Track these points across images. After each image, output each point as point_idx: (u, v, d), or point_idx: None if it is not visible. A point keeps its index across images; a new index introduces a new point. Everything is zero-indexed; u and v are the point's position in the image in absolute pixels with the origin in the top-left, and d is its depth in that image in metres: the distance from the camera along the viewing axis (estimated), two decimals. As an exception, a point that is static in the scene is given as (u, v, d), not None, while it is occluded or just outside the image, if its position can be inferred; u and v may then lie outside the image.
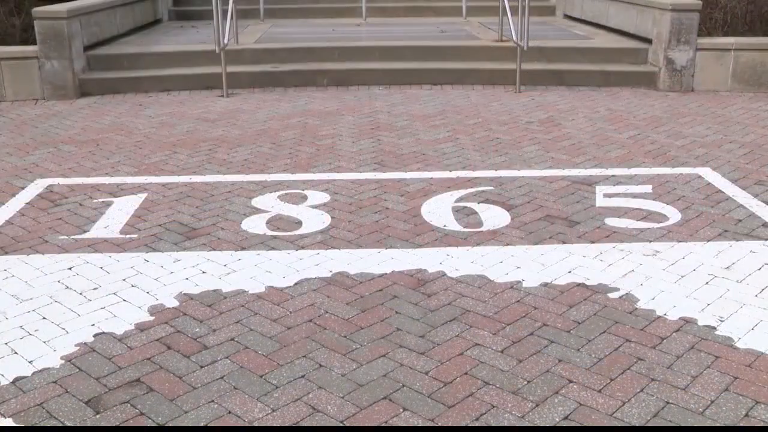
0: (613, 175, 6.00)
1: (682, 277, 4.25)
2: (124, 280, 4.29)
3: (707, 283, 4.18)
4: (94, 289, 4.18)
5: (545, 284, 4.19)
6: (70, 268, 4.44)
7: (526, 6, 8.92)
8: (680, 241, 4.73)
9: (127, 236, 4.91)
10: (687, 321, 3.78)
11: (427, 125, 7.62)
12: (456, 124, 7.67)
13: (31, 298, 4.08)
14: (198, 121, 7.94)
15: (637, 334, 3.66)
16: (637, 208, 5.29)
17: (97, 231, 5.01)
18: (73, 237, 4.91)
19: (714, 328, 3.71)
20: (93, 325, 3.80)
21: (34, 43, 9.09)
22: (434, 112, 8.17)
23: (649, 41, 9.65)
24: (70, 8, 9.06)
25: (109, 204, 5.51)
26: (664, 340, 3.61)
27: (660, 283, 4.18)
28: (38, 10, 8.96)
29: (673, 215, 5.17)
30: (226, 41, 9.06)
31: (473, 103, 8.60)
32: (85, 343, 3.64)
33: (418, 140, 7.07)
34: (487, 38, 10.61)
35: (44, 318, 3.88)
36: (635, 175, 6.02)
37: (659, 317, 3.82)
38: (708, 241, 4.74)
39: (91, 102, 8.93)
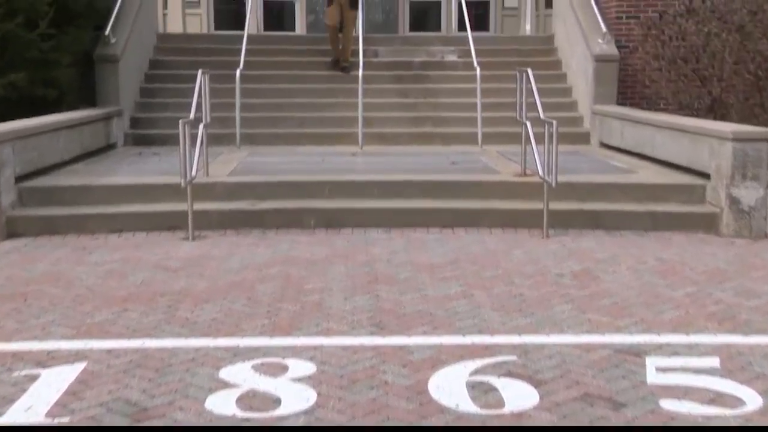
0: (668, 344, 5.93)
1: (763, 479, 4.09)
2: (49, 477, 4.13)
3: (797, 488, 4.01)
4: (10, 490, 4.01)
5: (587, 487, 4.03)
6: (-21, 463, 4.28)
7: (554, 133, 9.03)
8: (760, 432, 4.60)
9: (56, 420, 4.76)
10: None
11: (435, 278, 7.61)
12: (470, 276, 7.66)
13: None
14: (156, 269, 7.93)
15: None
16: (701, 388, 5.17)
17: (15, 414, 4.85)
18: (-15, 421, 4.78)
19: None
20: None
21: (-47, 173, 9.16)
22: (444, 262, 8.17)
23: (706, 176, 9.74)
24: (1, 131, 9.15)
25: (34, 378, 5.38)
26: None
27: (735, 487, 4.02)
28: (-39, 134, 9.07)
29: (752, 399, 5.03)
30: (193, 173, 9.15)
31: (491, 251, 8.62)
32: None
33: (424, 297, 7.05)
34: (508, 171, 10.75)
35: None
36: (696, 344, 5.94)
37: None
38: (795, 432, 4.61)
39: (20, 245, 8.94)
